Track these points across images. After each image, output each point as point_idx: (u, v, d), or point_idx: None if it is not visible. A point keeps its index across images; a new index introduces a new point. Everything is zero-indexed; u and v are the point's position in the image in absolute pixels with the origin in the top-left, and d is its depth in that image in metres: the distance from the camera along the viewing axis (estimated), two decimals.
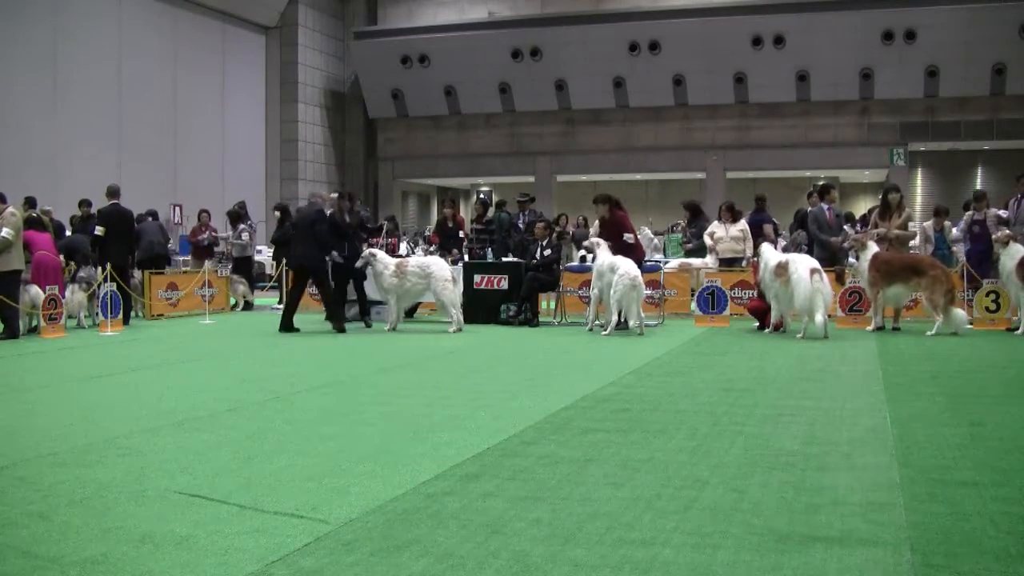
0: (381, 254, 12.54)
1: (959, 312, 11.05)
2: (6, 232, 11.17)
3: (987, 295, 11.93)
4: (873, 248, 11.56)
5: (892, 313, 11.93)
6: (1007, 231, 11.66)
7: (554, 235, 14.25)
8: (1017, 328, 11.22)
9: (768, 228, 14.92)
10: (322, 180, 29.49)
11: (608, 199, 12.35)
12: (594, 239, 12.32)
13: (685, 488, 4.27)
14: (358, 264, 12.45)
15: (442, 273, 12.10)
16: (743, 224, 14.09)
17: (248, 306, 16.32)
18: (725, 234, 14.08)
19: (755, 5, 26.39)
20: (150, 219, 16.07)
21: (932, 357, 9.07)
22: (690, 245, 14.87)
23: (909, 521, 3.74)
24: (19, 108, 20.39)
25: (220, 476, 4.57)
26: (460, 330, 11.97)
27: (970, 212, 13.39)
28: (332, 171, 31.06)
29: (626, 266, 11.20)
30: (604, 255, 11.68)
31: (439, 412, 6.23)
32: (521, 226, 15.65)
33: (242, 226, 17.06)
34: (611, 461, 4.80)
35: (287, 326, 12.05)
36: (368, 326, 12.81)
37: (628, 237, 12.18)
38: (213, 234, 17.50)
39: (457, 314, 12.09)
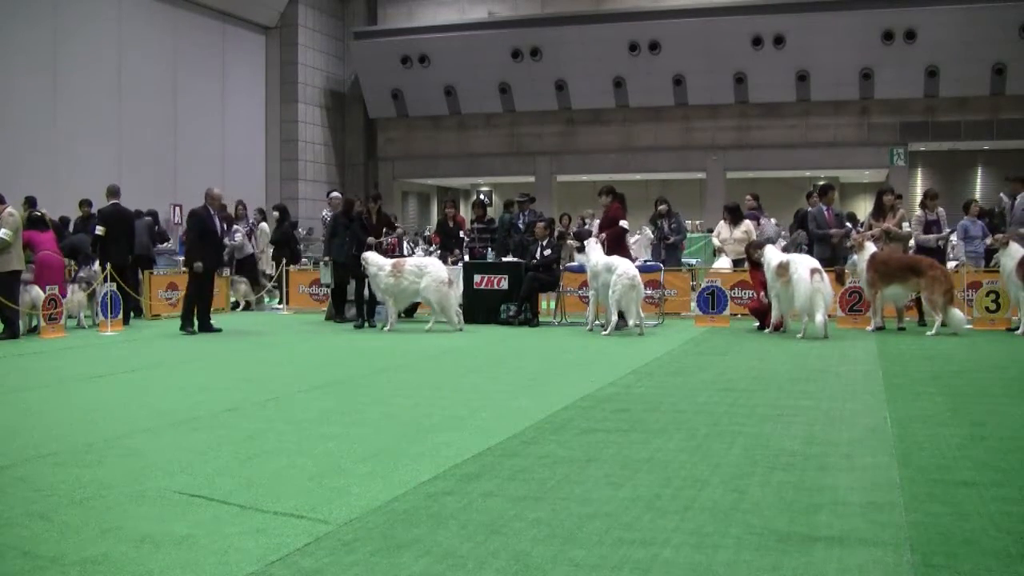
0: (373, 256, 12.41)
1: (958, 312, 11.05)
2: (4, 232, 11.17)
3: (987, 295, 11.94)
4: (871, 248, 11.56)
5: (895, 313, 11.93)
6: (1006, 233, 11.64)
7: (554, 235, 14.23)
8: (1017, 328, 11.22)
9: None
10: (322, 180, 29.48)
11: (612, 191, 12.73)
12: (590, 240, 12.39)
13: (685, 488, 4.27)
14: None
15: (437, 274, 12.04)
16: (746, 225, 14.06)
17: (249, 306, 16.33)
18: (729, 235, 14.07)
19: (755, 5, 26.37)
20: (145, 217, 16.01)
21: (932, 357, 9.07)
22: (670, 241, 14.59)
23: (909, 521, 3.74)
24: (19, 108, 20.36)
25: (220, 476, 4.57)
26: (461, 330, 11.96)
27: (919, 212, 12.90)
28: (332, 171, 31.03)
29: (624, 266, 11.20)
30: (597, 255, 11.63)
31: (439, 412, 6.23)
32: (521, 226, 15.62)
33: (236, 227, 17.04)
34: (611, 461, 4.79)
35: (203, 326, 12.21)
36: (372, 326, 12.82)
37: (624, 224, 12.52)
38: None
39: (457, 315, 12.08)
